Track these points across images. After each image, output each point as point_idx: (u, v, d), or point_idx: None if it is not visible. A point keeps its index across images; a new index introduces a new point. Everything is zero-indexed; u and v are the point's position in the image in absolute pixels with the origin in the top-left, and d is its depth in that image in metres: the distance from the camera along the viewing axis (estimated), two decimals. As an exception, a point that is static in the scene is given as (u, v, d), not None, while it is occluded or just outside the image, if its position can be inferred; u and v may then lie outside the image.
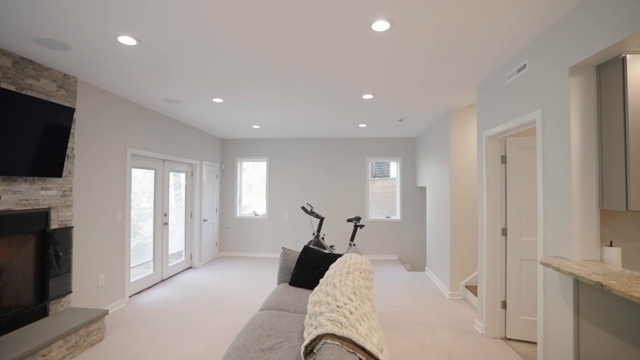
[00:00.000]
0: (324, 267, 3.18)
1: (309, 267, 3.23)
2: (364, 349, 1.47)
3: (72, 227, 3.19)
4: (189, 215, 5.91)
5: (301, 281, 3.19)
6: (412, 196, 6.79)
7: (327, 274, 2.38)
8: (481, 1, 1.93)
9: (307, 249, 3.37)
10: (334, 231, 6.88)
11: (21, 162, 2.61)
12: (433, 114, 4.75)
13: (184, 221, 5.78)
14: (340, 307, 1.72)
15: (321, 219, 5.24)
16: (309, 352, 1.57)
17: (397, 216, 6.85)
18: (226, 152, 7.20)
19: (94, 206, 3.55)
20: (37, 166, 2.74)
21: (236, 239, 7.09)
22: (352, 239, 5.18)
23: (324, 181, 6.94)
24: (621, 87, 1.82)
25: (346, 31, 2.31)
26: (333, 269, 2.42)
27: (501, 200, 3.13)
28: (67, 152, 3.10)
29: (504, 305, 3.10)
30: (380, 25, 2.21)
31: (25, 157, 2.64)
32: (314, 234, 5.20)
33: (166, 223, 5.11)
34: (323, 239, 5.28)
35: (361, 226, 5.09)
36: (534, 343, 2.99)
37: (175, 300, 4.19)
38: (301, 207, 5.20)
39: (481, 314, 3.25)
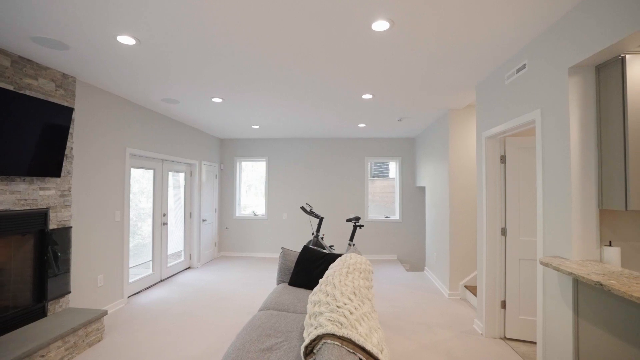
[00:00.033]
0: (323, 267, 3.17)
1: (308, 267, 3.23)
2: (364, 349, 1.47)
3: (71, 227, 3.17)
4: (188, 215, 5.90)
5: (301, 281, 3.18)
6: (411, 196, 6.79)
7: (326, 274, 2.37)
8: (481, 1, 1.93)
9: (306, 249, 3.37)
10: (333, 231, 6.87)
11: (19, 161, 2.60)
12: (432, 113, 4.76)
13: (183, 221, 5.77)
14: (340, 307, 1.72)
15: (320, 219, 5.24)
16: (308, 352, 1.57)
17: (396, 216, 6.85)
18: (225, 152, 7.19)
19: (92, 206, 3.54)
20: (36, 166, 2.73)
21: (235, 239, 7.08)
22: (351, 239, 5.18)
23: (323, 181, 6.94)
24: (620, 87, 1.83)
25: (346, 31, 2.30)
26: (333, 269, 2.42)
27: (500, 200, 3.13)
28: (65, 152, 3.09)
29: (503, 305, 3.10)
30: (380, 25, 2.20)
31: (24, 157, 2.63)
32: (313, 234, 5.20)
33: (165, 223, 5.10)
34: (322, 239, 5.28)
35: (360, 226, 5.09)
36: (533, 343, 2.99)
37: (174, 300, 4.18)
38: (300, 207, 5.20)
39: (480, 313, 3.25)
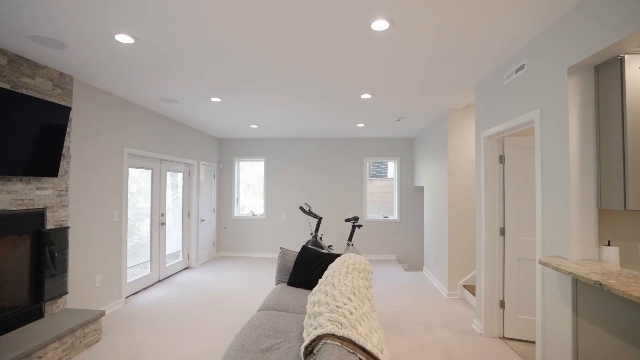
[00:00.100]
0: (322, 267, 3.17)
1: (307, 267, 3.22)
2: (364, 349, 1.46)
3: (68, 227, 3.15)
4: (186, 215, 5.88)
5: (300, 281, 3.18)
6: (409, 196, 6.80)
7: (325, 274, 2.37)
8: (481, 1, 1.93)
9: (305, 249, 3.36)
10: (332, 231, 6.87)
11: (16, 161, 2.58)
12: (431, 113, 4.76)
13: (181, 221, 5.75)
14: (339, 307, 1.71)
15: (319, 219, 5.23)
16: (308, 353, 1.56)
17: (395, 216, 6.86)
18: (224, 151, 7.18)
19: (90, 206, 3.52)
20: (33, 166, 2.71)
21: (234, 239, 7.07)
22: (350, 238, 5.18)
23: (322, 181, 6.93)
24: (619, 87, 1.83)
25: (346, 31, 2.30)
26: (332, 269, 2.41)
27: (499, 200, 3.14)
28: (63, 151, 3.07)
29: (502, 304, 3.11)
30: (380, 25, 2.20)
31: (21, 157, 2.61)
32: (312, 234, 5.19)
33: (163, 223, 5.08)
34: (321, 238, 5.27)
35: (359, 226, 5.08)
36: (532, 342, 3.00)
37: (172, 300, 4.16)
38: (299, 207, 5.19)
39: (479, 313, 3.26)
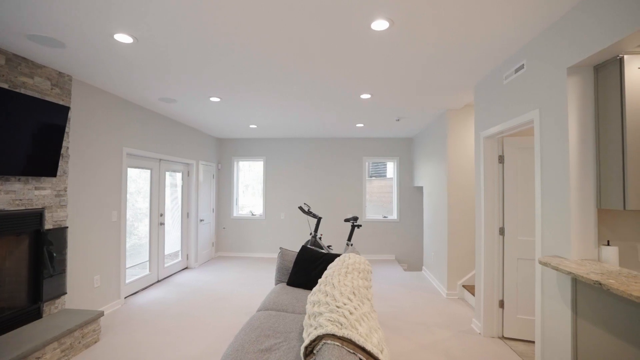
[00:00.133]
0: (322, 267, 3.17)
1: (307, 267, 3.22)
2: (364, 350, 1.46)
3: (67, 227, 3.14)
4: (185, 215, 5.87)
5: (299, 281, 3.17)
6: (409, 196, 6.80)
7: (325, 274, 2.36)
8: (481, 1, 1.93)
9: (305, 249, 3.36)
10: (331, 231, 6.87)
11: (14, 161, 2.57)
12: (430, 113, 4.77)
13: (180, 221, 5.74)
14: (339, 307, 1.71)
15: (318, 219, 5.23)
16: (308, 353, 1.56)
17: (394, 216, 6.86)
18: (223, 151, 7.17)
19: (89, 206, 3.51)
20: (31, 165, 2.70)
21: (233, 239, 7.06)
22: (349, 238, 5.17)
23: (321, 181, 6.93)
24: (618, 88, 1.83)
25: (346, 30, 2.30)
26: (331, 269, 2.41)
27: (498, 200, 3.14)
28: (61, 151, 3.06)
29: (501, 304, 3.11)
30: (380, 25, 2.20)
31: (19, 156, 2.60)
32: (311, 233, 5.19)
33: (162, 223, 5.07)
34: (320, 238, 5.27)
35: (358, 226, 5.08)
36: (531, 342, 3.00)
37: (171, 301, 4.15)
38: (298, 207, 5.19)
39: (479, 313, 3.26)
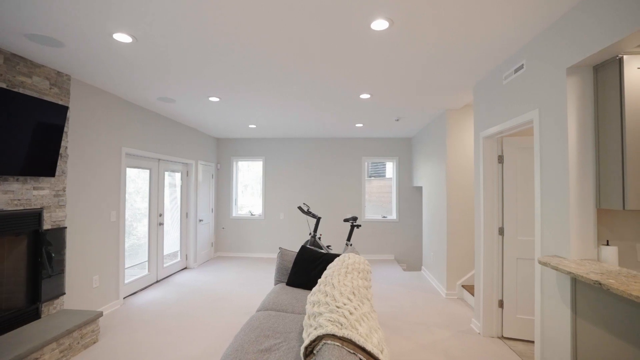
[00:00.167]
0: (321, 267, 3.16)
1: (306, 267, 3.21)
2: (364, 350, 1.46)
3: (66, 227, 3.13)
4: (184, 216, 5.86)
5: (299, 281, 3.17)
6: (408, 196, 6.80)
7: (325, 274, 2.36)
8: (481, 1, 1.93)
9: (304, 249, 3.36)
10: (330, 231, 6.87)
11: (12, 161, 2.56)
12: (429, 113, 4.77)
13: (179, 221, 5.73)
14: (339, 308, 1.71)
15: (318, 219, 5.22)
16: (308, 353, 1.56)
17: (393, 216, 6.86)
18: (222, 151, 7.15)
19: (87, 206, 3.50)
20: (29, 165, 2.69)
21: (232, 239, 7.05)
22: (348, 238, 5.17)
23: (321, 181, 6.93)
24: (618, 88, 1.84)
25: (345, 30, 2.29)
26: (331, 269, 2.41)
27: (498, 200, 3.14)
28: (60, 151, 3.04)
29: (500, 304, 3.12)
30: (380, 25, 2.20)
31: (17, 156, 2.59)
32: (310, 234, 5.18)
33: (161, 223, 5.06)
34: (320, 239, 5.26)
35: (358, 226, 5.08)
36: (530, 342, 3.01)
37: (170, 301, 4.14)
38: (297, 207, 5.18)
39: (478, 313, 3.26)
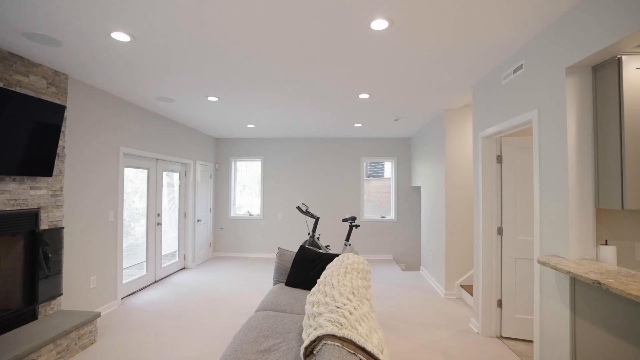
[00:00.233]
0: (320, 267, 3.16)
1: (305, 268, 3.20)
2: (364, 350, 1.45)
3: (63, 227, 3.11)
4: (182, 216, 5.83)
5: (298, 281, 3.16)
6: (406, 196, 6.81)
7: (324, 274, 2.35)
8: (481, 1, 1.93)
9: (303, 249, 3.35)
10: (329, 231, 6.86)
11: (9, 160, 2.54)
12: (428, 113, 4.77)
13: (177, 221, 5.71)
14: (339, 308, 1.70)
15: (316, 219, 5.22)
16: (308, 354, 1.55)
17: (392, 216, 6.87)
18: (220, 151, 7.14)
19: (85, 206, 3.47)
20: (26, 165, 2.67)
21: (230, 239, 7.03)
22: (347, 238, 5.17)
23: (319, 181, 6.92)
24: (617, 88, 1.84)
25: (345, 30, 2.29)
26: (330, 269, 2.40)
27: (497, 199, 3.15)
28: (57, 150, 3.02)
29: (499, 304, 3.12)
30: (379, 24, 2.19)
31: (14, 156, 2.57)
32: (309, 234, 5.17)
33: (159, 223, 5.04)
34: (318, 238, 5.26)
35: (356, 226, 5.08)
36: (529, 341, 3.01)
37: (169, 301, 4.12)
38: (296, 207, 5.17)
39: (477, 312, 3.26)
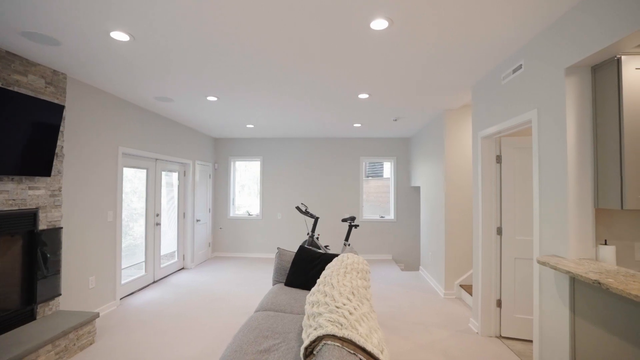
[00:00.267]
0: (320, 267, 3.15)
1: (304, 268, 3.20)
2: (364, 350, 1.45)
3: (61, 227, 3.10)
4: (181, 216, 5.82)
5: (297, 282, 3.16)
6: (406, 196, 6.81)
7: (323, 274, 2.35)
8: (481, 1, 1.93)
9: (302, 249, 3.35)
10: (328, 231, 6.86)
11: (7, 160, 2.52)
12: (428, 113, 4.77)
13: (176, 221, 5.69)
14: (339, 308, 1.70)
15: (316, 219, 5.22)
16: (308, 354, 1.55)
17: (391, 216, 6.87)
18: (219, 151, 7.12)
19: (84, 206, 3.46)
20: (25, 165, 2.66)
21: (229, 239, 7.02)
22: (346, 238, 5.17)
23: (319, 181, 6.92)
24: (616, 88, 1.84)
25: (345, 30, 2.29)
26: (330, 269, 2.40)
27: (496, 199, 3.15)
28: (56, 150, 3.01)
29: (498, 303, 3.12)
30: (379, 24, 2.19)
31: (12, 156, 2.55)
32: (308, 233, 5.17)
33: (158, 223, 5.03)
34: (318, 238, 5.25)
35: (356, 226, 5.08)
36: (528, 341, 3.02)
37: (168, 301, 4.11)
38: (295, 207, 5.17)
39: (476, 312, 3.27)
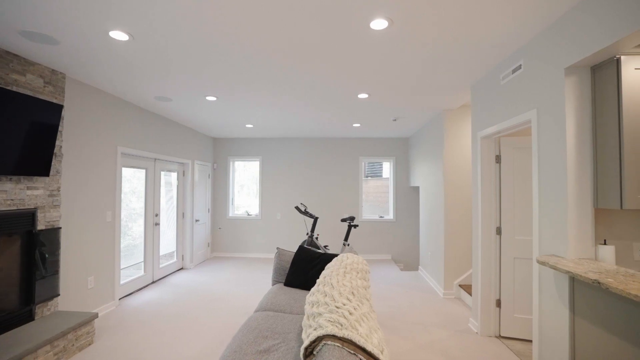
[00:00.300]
0: (319, 267, 3.15)
1: (304, 268, 3.20)
2: (364, 350, 1.45)
3: (60, 227, 3.08)
4: (180, 216, 5.81)
5: (297, 282, 3.15)
6: (405, 196, 6.81)
7: (323, 274, 2.35)
8: (481, 1, 1.93)
9: (302, 249, 3.34)
10: (328, 231, 6.86)
11: (6, 160, 2.51)
12: (427, 113, 4.78)
13: (175, 221, 5.68)
14: (339, 308, 1.70)
15: (315, 219, 5.21)
16: (308, 354, 1.54)
17: (391, 216, 6.87)
18: (218, 151, 7.12)
19: (82, 206, 3.45)
20: (23, 165, 2.65)
21: (229, 239, 7.01)
22: (346, 238, 5.17)
23: (318, 181, 6.92)
24: (615, 88, 1.85)
25: (345, 30, 2.29)
26: (330, 269, 2.40)
27: (495, 199, 3.15)
28: (54, 150, 3.00)
29: (498, 303, 3.13)
30: (379, 24, 2.19)
31: (10, 155, 2.54)
32: (307, 233, 5.17)
33: (157, 223, 5.01)
34: (317, 238, 5.25)
35: (355, 226, 5.07)
36: (528, 341, 3.02)
37: (167, 302, 4.10)
38: (295, 207, 5.16)
39: (476, 312, 3.27)
